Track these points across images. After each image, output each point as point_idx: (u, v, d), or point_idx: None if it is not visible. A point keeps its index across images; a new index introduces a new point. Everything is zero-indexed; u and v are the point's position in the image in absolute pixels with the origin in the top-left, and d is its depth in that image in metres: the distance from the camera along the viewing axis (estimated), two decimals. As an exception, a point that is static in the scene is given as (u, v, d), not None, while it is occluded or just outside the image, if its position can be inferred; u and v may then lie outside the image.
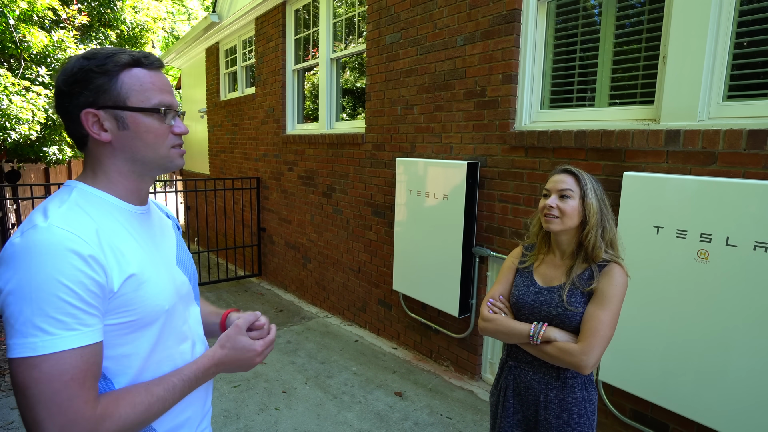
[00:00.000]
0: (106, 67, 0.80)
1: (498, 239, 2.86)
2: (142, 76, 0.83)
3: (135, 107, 0.82)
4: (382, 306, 3.85)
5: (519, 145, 2.66)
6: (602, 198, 1.38)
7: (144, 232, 0.88)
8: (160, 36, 10.66)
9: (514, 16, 2.61)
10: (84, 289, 0.71)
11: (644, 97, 2.25)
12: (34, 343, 0.68)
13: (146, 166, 0.86)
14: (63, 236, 0.72)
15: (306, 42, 4.76)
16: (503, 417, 1.48)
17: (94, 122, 0.81)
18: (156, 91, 0.84)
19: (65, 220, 0.74)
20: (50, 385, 0.68)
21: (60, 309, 0.69)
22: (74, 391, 0.70)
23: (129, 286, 0.78)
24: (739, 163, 1.84)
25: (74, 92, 0.80)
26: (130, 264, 0.80)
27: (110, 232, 0.79)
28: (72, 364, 0.70)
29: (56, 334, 0.69)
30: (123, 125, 0.82)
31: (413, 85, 3.31)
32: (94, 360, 0.74)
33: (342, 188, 4.18)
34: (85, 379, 0.71)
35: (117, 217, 0.83)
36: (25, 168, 9.59)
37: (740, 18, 1.90)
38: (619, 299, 1.32)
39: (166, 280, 0.87)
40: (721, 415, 1.81)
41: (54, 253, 0.70)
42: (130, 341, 0.81)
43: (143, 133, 0.83)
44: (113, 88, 0.81)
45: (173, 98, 0.87)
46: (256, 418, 2.69)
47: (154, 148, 0.85)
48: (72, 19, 7.01)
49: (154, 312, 0.83)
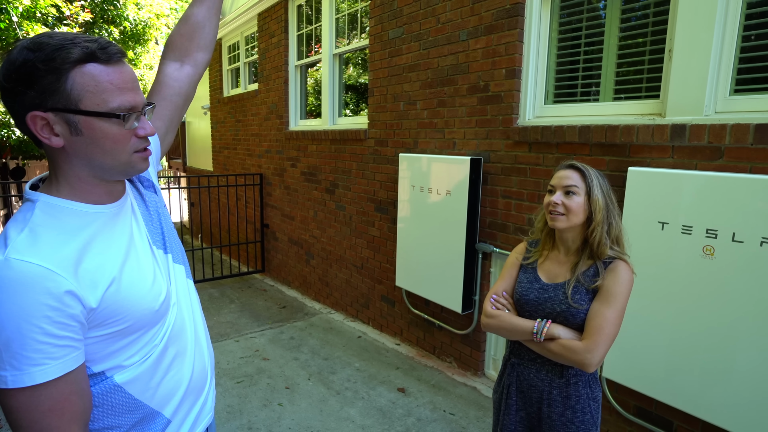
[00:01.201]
0: (54, 64, 0.68)
1: (501, 235, 2.84)
2: (98, 73, 0.71)
3: (89, 111, 0.70)
4: (385, 302, 3.85)
5: (522, 141, 2.64)
6: (608, 193, 1.36)
7: (120, 231, 0.81)
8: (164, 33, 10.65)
9: (518, 10, 2.59)
10: (49, 323, 0.67)
11: (649, 91, 2.23)
12: (4, 377, 0.66)
13: (106, 172, 0.77)
14: (22, 269, 0.66)
15: (309, 38, 4.74)
16: (506, 414, 1.48)
17: (43, 126, 0.70)
18: (115, 92, 0.72)
19: (26, 248, 0.68)
20: (29, 414, 0.69)
21: (25, 346, 0.66)
22: (54, 422, 0.70)
23: (109, 298, 0.74)
24: (746, 157, 1.82)
25: (17, 90, 0.69)
26: (105, 274, 0.74)
27: (78, 248, 0.72)
28: (46, 396, 0.69)
29: (23, 370, 0.66)
30: (76, 130, 0.71)
31: (416, 80, 3.30)
32: (73, 388, 0.71)
33: (345, 184, 4.17)
34: (65, 410, 0.70)
35: (86, 227, 0.76)
36: (29, 165, 9.64)
37: (748, 11, 1.87)
38: (624, 297, 1.30)
39: (149, 280, 0.82)
40: (727, 412, 1.80)
41: (13, 291, 0.65)
42: (126, 345, 0.80)
43: (99, 139, 0.72)
44: (63, 89, 0.69)
45: (137, 96, 0.75)
46: (259, 414, 2.69)
47: (113, 154, 0.74)
48: (75, 16, 7.01)
49: (145, 316, 0.80)
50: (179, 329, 0.91)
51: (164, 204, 0.99)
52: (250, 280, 5.59)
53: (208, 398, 1.02)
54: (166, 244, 0.92)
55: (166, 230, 0.94)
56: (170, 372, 0.89)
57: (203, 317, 1.03)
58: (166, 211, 0.98)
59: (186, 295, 0.96)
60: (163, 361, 0.87)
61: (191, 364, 0.94)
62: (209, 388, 1.02)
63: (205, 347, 1.00)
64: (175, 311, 0.90)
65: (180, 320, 0.92)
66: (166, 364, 0.88)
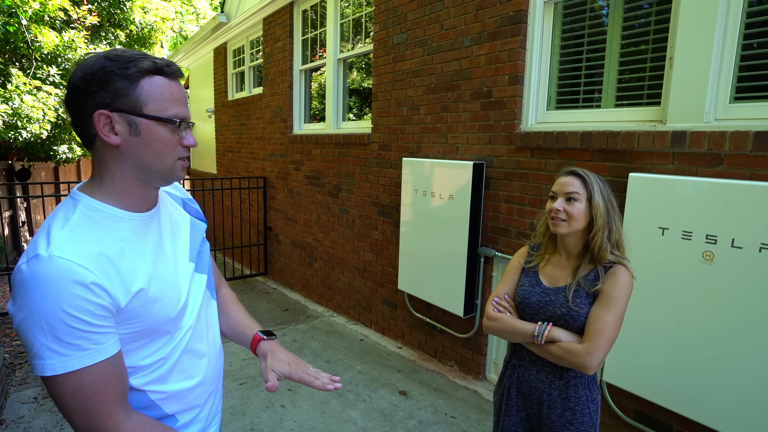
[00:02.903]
0: (128, 72, 0.78)
1: (503, 240, 2.86)
2: (162, 84, 0.82)
3: (151, 115, 0.80)
4: (387, 305, 3.87)
5: (525, 146, 2.66)
6: (609, 199, 1.38)
7: (151, 240, 0.88)
8: (169, 36, 10.74)
9: (521, 17, 2.62)
10: (90, 315, 0.74)
11: (651, 98, 2.25)
12: (52, 364, 0.73)
13: (150, 175, 0.85)
14: (64, 266, 0.72)
15: (313, 42, 4.79)
16: (506, 415, 1.50)
17: (105, 123, 0.79)
18: (173, 102, 0.82)
19: (66, 246, 0.74)
20: (75, 398, 0.75)
21: (71, 334, 0.73)
22: (97, 404, 0.76)
23: (136, 301, 0.81)
24: (746, 164, 1.84)
25: (90, 91, 0.78)
26: (136, 280, 0.81)
27: (114, 252, 0.79)
28: (90, 380, 0.75)
29: (71, 356, 0.74)
30: (135, 131, 0.80)
31: (420, 85, 3.33)
32: (114, 372, 0.78)
33: (348, 188, 4.20)
34: (107, 393, 0.77)
35: (123, 231, 0.83)
36: (35, 166, 9.72)
37: (748, 19, 1.90)
38: (624, 301, 1.32)
39: (172, 289, 0.88)
40: (726, 417, 1.81)
41: (57, 285, 0.72)
42: (141, 346, 0.85)
43: (154, 142, 0.82)
44: (132, 93, 0.79)
45: (187, 110, 0.86)
46: (261, 416, 2.71)
47: (162, 158, 0.83)
48: (82, 19, 7.09)
49: (161, 322, 0.86)
50: (195, 337, 0.95)
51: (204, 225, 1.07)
52: (252, 282, 5.62)
53: (218, 404, 1.04)
54: (197, 257, 1.00)
55: (200, 245, 1.03)
56: (184, 377, 0.92)
57: (218, 327, 1.06)
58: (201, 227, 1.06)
59: (205, 305, 1.00)
60: (177, 367, 0.90)
61: (204, 370, 0.97)
62: (219, 395, 1.05)
63: (217, 356, 1.02)
64: (192, 320, 0.94)
65: (198, 329, 0.96)
66: (180, 370, 0.91)
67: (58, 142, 7.22)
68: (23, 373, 3.22)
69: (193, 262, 0.98)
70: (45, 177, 11.21)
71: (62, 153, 7.29)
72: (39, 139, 6.44)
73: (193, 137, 0.88)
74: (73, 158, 7.64)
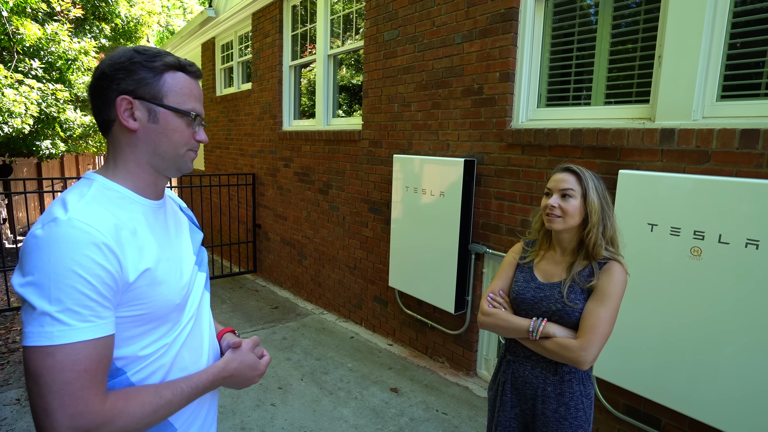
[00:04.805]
0: (154, 64, 0.84)
1: (494, 236, 2.88)
2: (183, 80, 0.88)
3: (170, 106, 0.86)
4: (377, 303, 3.87)
5: (515, 143, 2.68)
6: (604, 195, 1.39)
7: (159, 226, 0.90)
8: (155, 30, 10.57)
9: (512, 15, 2.63)
10: (101, 282, 0.73)
11: (640, 96, 2.28)
12: (50, 332, 0.70)
13: (164, 162, 0.89)
14: (83, 229, 0.73)
15: (303, 38, 4.75)
16: (501, 411, 1.50)
17: (126, 108, 0.84)
18: (192, 98, 0.89)
19: (85, 213, 0.76)
20: (63, 374, 0.70)
21: (77, 301, 0.71)
22: (85, 383, 0.72)
23: (144, 280, 0.81)
24: (732, 162, 1.87)
25: (117, 77, 0.83)
26: (146, 258, 0.82)
27: (128, 227, 0.81)
28: (85, 355, 0.72)
29: (72, 325, 0.71)
30: (154, 119, 0.85)
31: (411, 82, 3.32)
32: (106, 353, 0.75)
33: (338, 185, 4.18)
34: (96, 371, 0.73)
35: (134, 212, 0.85)
36: (17, 162, 9.50)
37: (734, 19, 1.93)
38: (618, 296, 1.33)
39: (177, 274, 0.89)
40: (713, 410, 1.84)
41: (74, 246, 0.72)
42: (143, 333, 0.83)
43: (170, 131, 0.87)
44: (155, 84, 0.84)
45: (202, 109, 0.92)
46: (252, 414, 2.69)
47: (176, 146, 0.88)
48: (66, 11, 6.93)
49: (166, 306, 0.85)
50: (194, 334, 0.94)
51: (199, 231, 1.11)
52: (241, 280, 5.57)
53: (213, 407, 1.03)
54: (198, 254, 1.03)
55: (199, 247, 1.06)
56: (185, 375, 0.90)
57: (213, 326, 1.05)
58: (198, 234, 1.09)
59: (204, 304, 1.00)
60: (177, 363, 0.89)
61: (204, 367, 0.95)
62: (215, 396, 1.04)
63: (215, 357, 1.01)
64: (193, 311, 0.94)
65: (197, 324, 0.95)
66: (181, 367, 0.89)
67: (41, 137, 7.05)
68: (5, 374, 3.15)
69: (195, 256, 1.00)
70: (27, 173, 10.96)
71: (45, 148, 7.12)
72: (21, 134, 6.28)
73: (204, 134, 0.93)
74: (56, 154, 7.47)
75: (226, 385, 0.96)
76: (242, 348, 0.98)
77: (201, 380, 0.89)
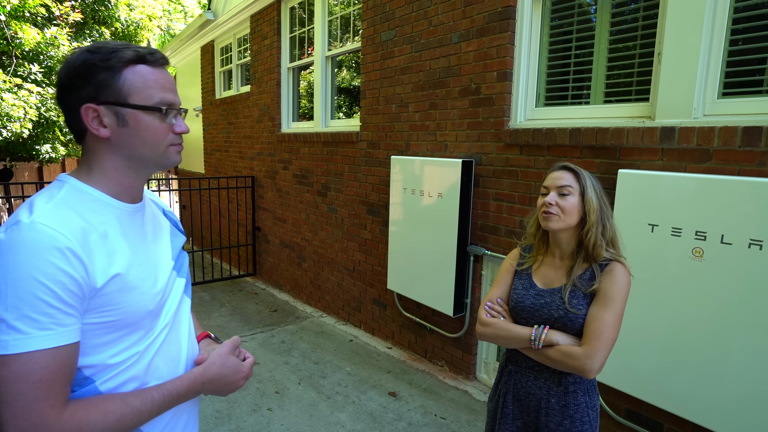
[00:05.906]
0: (110, 63, 0.78)
1: (493, 238, 2.84)
2: (146, 73, 0.81)
3: (136, 105, 0.80)
4: (376, 305, 3.83)
5: (514, 143, 2.64)
6: (601, 195, 1.35)
7: (134, 230, 0.86)
8: (156, 34, 10.59)
9: (509, 13, 2.60)
10: (62, 288, 0.69)
11: (639, 94, 2.24)
12: (5, 341, 0.66)
13: (143, 163, 0.85)
14: (45, 233, 0.70)
15: (301, 40, 4.73)
16: (502, 424, 1.43)
17: (93, 117, 0.79)
18: (158, 89, 0.82)
19: (50, 216, 0.72)
20: (17, 385, 0.66)
21: (35, 308, 0.67)
22: (41, 393, 0.68)
23: (113, 286, 0.77)
24: (734, 160, 1.83)
25: (76, 86, 0.78)
26: (117, 263, 0.78)
27: (97, 231, 0.77)
28: (42, 365, 0.68)
29: (29, 333, 0.67)
30: (123, 122, 0.80)
31: (408, 82, 3.29)
32: (67, 362, 0.71)
33: (337, 187, 4.15)
34: (55, 382, 0.69)
35: (107, 216, 0.81)
36: (17, 166, 9.52)
37: (735, 15, 1.89)
38: (622, 299, 1.27)
39: (151, 280, 0.85)
40: (716, 415, 1.80)
41: (34, 251, 0.68)
42: (113, 341, 0.79)
43: (142, 131, 0.81)
44: (115, 84, 0.78)
45: (176, 96, 0.85)
46: (248, 419, 2.65)
47: (153, 146, 0.83)
48: (65, 15, 6.95)
49: (137, 313, 0.81)
50: (170, 342, 0.89)
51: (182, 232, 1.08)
52: (241, 283, 5.54)
53: (193, 417, 0.98)
54: (177, 260, 0.98)
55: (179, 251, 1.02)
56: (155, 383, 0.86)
57: (193, 334, 1.00)
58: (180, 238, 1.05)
59: (183, 311, 0.96)
60: (151, 371, 0.84)
61: None
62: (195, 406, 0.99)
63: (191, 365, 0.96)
64: (168, 319, 0.89)
65: (174, 334, 0.91)
66: (156, 376, 0.85)
67: (40, 141, 7.06)
68: None
69: (173, 261, 0.95)
70: (29, 177, 10.99)
71: (45, 152, 7.13)
72: (20, 138, 6.29)
73: (184, 124, 0.87)
74: (56, 158, 7.48)
75: (207, 392, 0.91)
76: (222, 350, 0.93)
77: (176, 387, 0.84)
